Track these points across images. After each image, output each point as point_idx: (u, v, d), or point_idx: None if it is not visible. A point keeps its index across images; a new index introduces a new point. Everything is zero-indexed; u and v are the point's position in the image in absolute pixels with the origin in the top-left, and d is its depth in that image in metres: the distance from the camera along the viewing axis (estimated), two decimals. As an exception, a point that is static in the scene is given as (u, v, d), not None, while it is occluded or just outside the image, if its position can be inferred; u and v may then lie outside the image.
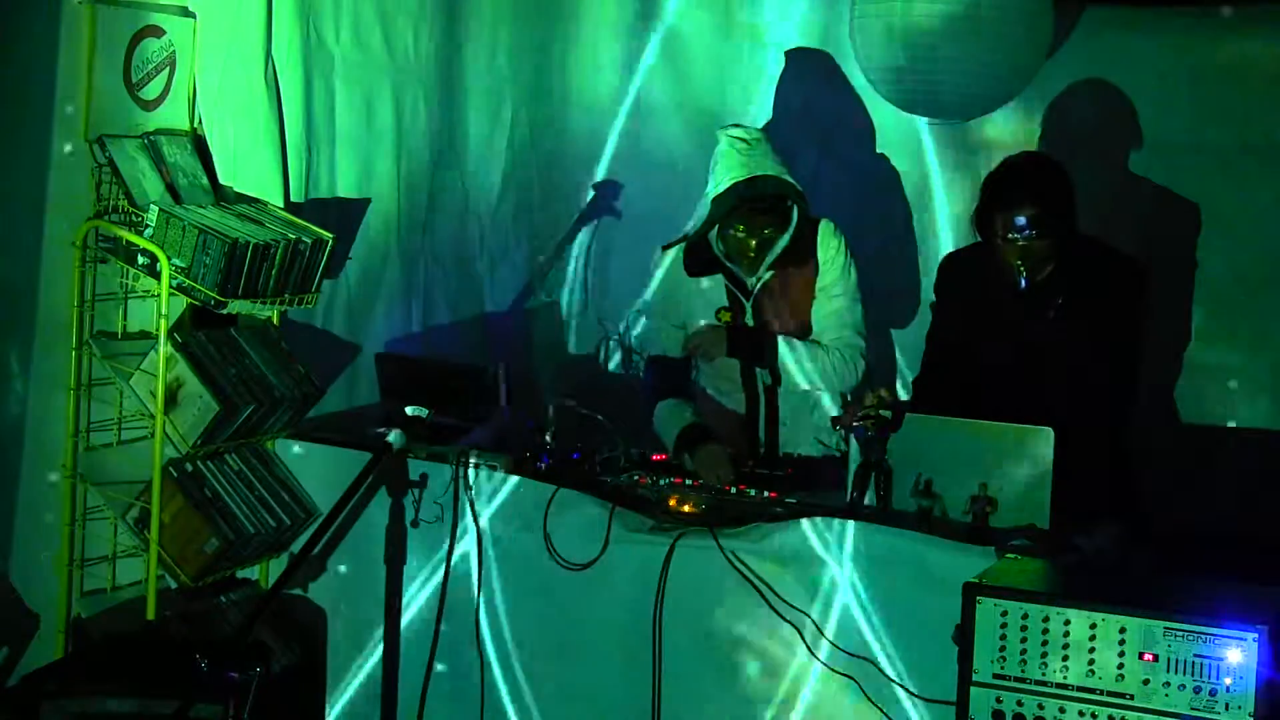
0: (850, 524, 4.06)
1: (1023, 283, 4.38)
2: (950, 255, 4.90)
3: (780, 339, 4.65)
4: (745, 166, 4.56)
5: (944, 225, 5.76)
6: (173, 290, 4.33)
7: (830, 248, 4.67)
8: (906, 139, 5.80)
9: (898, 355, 5.75)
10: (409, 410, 4.21)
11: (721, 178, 4.58)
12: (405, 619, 4.49)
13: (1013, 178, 4.39)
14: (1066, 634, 3.39)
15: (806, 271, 4.68)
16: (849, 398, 4.70)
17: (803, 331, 4.70)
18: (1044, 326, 4.42)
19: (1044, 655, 3.41)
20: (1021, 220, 4.31)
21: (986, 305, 4.51)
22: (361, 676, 4.63)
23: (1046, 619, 3.41)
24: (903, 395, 5.40)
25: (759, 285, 4.69)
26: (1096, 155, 5.43)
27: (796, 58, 5.90)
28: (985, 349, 4.50)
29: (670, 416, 4.75)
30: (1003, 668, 3.44)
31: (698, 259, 4.73)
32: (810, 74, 5.89)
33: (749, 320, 4.69)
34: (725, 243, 4.65)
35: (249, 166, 4.75)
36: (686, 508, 4.28)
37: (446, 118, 5.56)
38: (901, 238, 5.81)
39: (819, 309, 4.69)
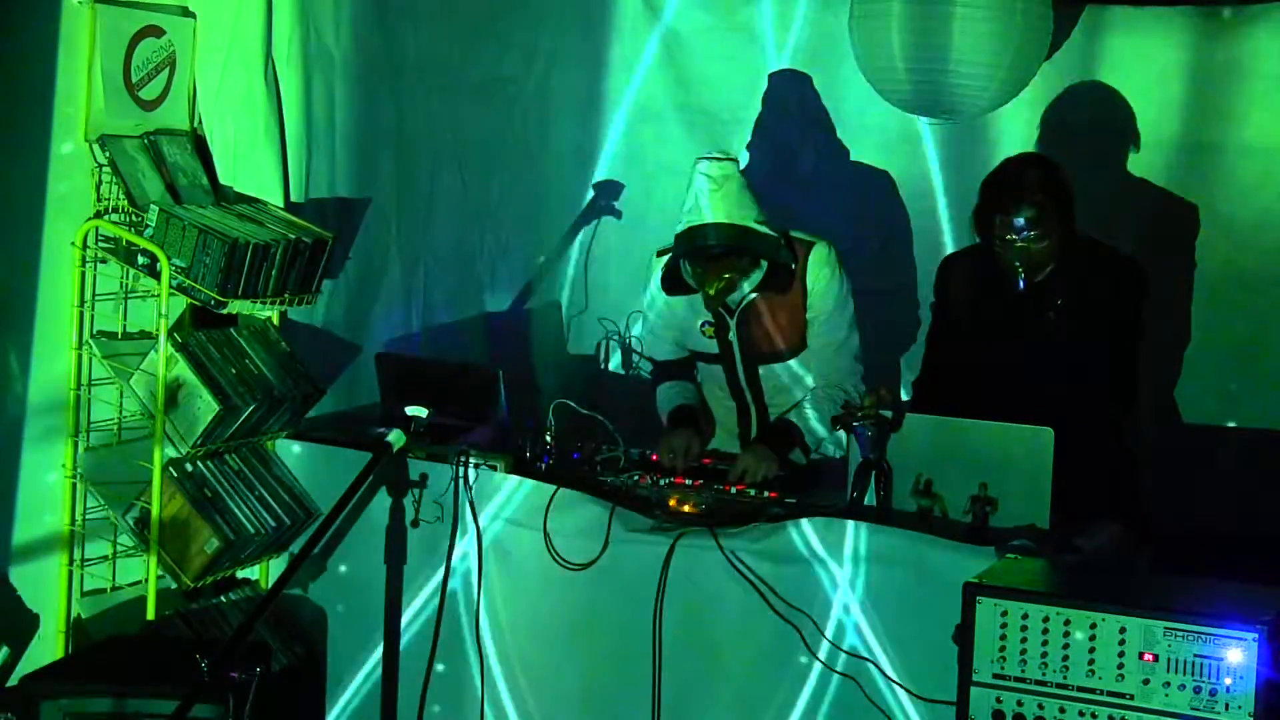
0: (850, 524, 4.06)
1: (1020, 284, 4.38)
2: (949, 256, 4.90)
3: (797, 421, 4.57)
4: (703, 210, 4.43)
5: (944, 226, 5.76)
6: (173, 290, 4.33)
7: (823, 277, 4.55)
8: (906, 139, 5.80)
9: (901, 361, 5.75)
10: (409, 410, 4.21)
11: (684, 215, 4.48)
12: (405, 618, 4.49)
13: (1012, 179, 4.39)
14: (1066, 634, 3.39)
15: (791, 295, 4.57)
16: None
17: (788, 351, 4.64)
18: (1043, 327, 4.43)
19: (1044, 655, 3.41)
20: (1020, 222, 4.32)
21: (985, 306, 4.52)
22: (361, 676, 4.63)
23: (1046, 619, 3.41)
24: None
25: (742, 305, 4.60)
26: (1094, 156, 5.43)
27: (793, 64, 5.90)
28: (985, 350, 4.50)
29: (665, 396, 4.80)
30: (1003, 668, 3.44)
31: (677, 281, 4.67)
32: (809, 74, 5.89)
33: (733, 337, 4.64)
34: (692, 277, 4.57)
35: (249, 166, 4.75)
36: (686, 508, 4.28)
37: (446, 117, 5.55)
38: (900, 238, 5.80)
39: (817, 339, 4.61)
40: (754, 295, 4.58)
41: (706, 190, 4.43)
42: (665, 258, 4.72)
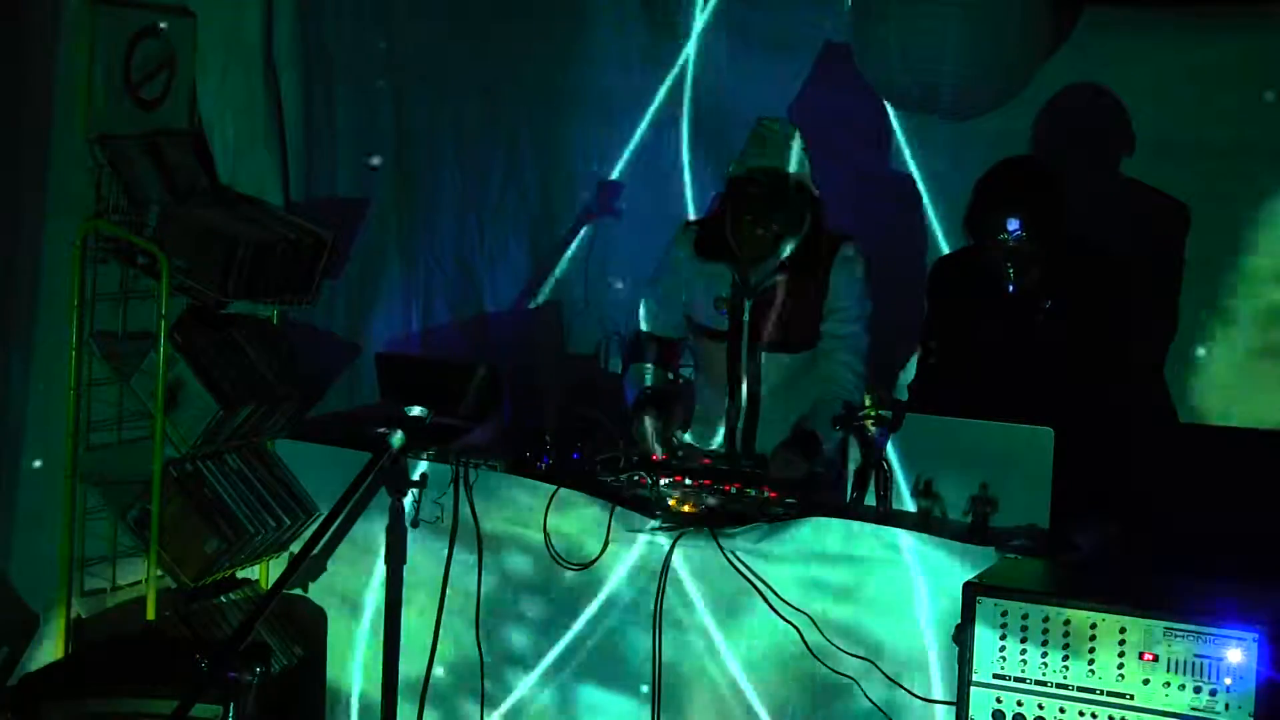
0: (850, 524, 4.06)
1: (1011, 287, 4.39)
2: (942, 258, 4.92)
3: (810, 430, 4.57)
4: (763, 155, 4.55)
5: (938, 227, 5.76)
6: (173, 290, 4.33)
7: (846, 272, 4.59)
8: (907, 139, 5.80)
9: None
10: (409, 410, 4.20)
11: (740, 161, 4.57)
12: (405, 619, 4.48)
13: (1005, 181, 4.40)
14: (1066, 634, 3.39)
15: (815, 286, 4.60)
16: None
17: (797, 343, 4.64)
18: (1033, 328, 4.43)
19: (1044, 655, 3.41)
20: (1013, 223, 4.32)
21: (976, 307, 4.52)
22: (361, 677, 4.63)
23: (1046, 619, 3.41)
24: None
25: (764, 286, 4.62)
26: (1087, 156, 5.42)
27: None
28: (975, 351, 4.51)
29: (634, 377, 4.78)
30: (1003, 668, 3.44)
31: (712, 242, 4.68)
32: (811, 75, 5.89)
33: (747, 318, 4.65)
34: (735, 229, 4.57)
35: (249, 166, 4.75)
36: (686, 508, 4.28)
37: (446, 117, 5.56)
38: (901, 239, 5.80)
39: (831, 328, 4.62)
40: (778, 278, 4.59)
41: (772, 138, 4.55)
42: (694, 229, 4.74)
